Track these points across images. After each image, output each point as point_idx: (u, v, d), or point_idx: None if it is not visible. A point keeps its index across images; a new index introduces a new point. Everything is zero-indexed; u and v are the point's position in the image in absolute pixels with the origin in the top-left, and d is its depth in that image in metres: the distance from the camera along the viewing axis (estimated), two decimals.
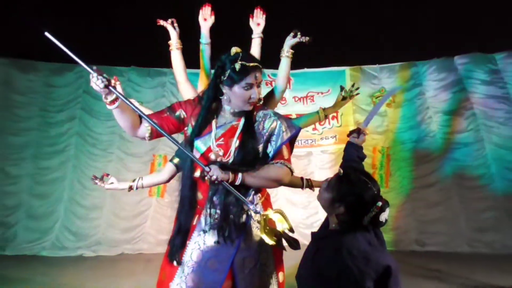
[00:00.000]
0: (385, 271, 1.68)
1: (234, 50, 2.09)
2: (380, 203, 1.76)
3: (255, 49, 2.84)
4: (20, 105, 6.28)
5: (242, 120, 2.14)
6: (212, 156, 2.08)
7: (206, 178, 1.94)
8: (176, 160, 2.83)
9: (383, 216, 1.77)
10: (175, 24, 2.85)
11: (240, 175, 1.98)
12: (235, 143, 2.09)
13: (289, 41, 2.70)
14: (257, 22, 2.87)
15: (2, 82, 6.20)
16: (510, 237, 5.76)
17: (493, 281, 4.51)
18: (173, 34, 2.85)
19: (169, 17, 2.87)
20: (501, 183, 6.00)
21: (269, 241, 2.01)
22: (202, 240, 2.13)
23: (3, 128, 6.18)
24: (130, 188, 2.84)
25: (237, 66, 2.02)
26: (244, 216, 2.11)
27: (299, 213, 6.22)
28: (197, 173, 2.07)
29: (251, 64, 2.05)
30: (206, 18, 2.93)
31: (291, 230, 2.05)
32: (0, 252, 5.78)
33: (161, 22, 2.86)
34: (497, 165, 6.07)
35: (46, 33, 1.81)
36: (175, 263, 2.15)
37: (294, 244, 2.04)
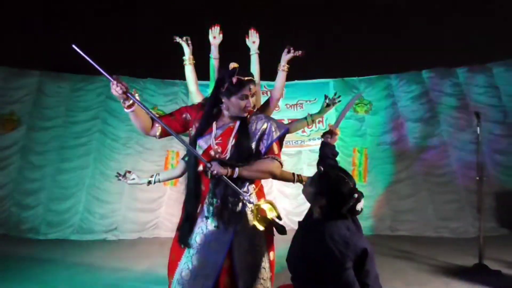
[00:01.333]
0: (362, 253, 1.70)
1: (232, 65, 2.10)
2: (356, 195, 1.77)
3: (255, 65, 2.83)
4: (49, 106, 6.22)
5: (238, 122, 2.15)
6: (212, 153, 2.10)
7: (207, 172, 1.94)
8: (187, 158, 2.83)
9: (359, 206, 1.78)
10: (189, 42, 2.85)
11: (236, 169, 1.98)
12: (231, 141, 2.11)
13: (285, 56, 2.71)
14: (253, 40, 2.87)
15: (35, 90, 6.18)
16: (471, 224, 5.76)
17: (455, 261, 4.52)
18: (187, 50, 2.84)
19: (183, 35, 2.87)
20: (462, 179, 6.00)
21: (260, 227, 2.02)
22: (204, 226, 2.13)
23: (32, 125, 6.12)
24: (149, 183, 2.83)
25: (234, 79, 2.04)
26: (240, 205, 2.11)
27: (290, 203, 6.24)
28: (200, 168, 2.08)
29: (246, 78, 2.07)
30: (215, 36, 2.93)
31: (279, 218, 2.06)
32: (35, 237, 5.76)
33: (177, 39, 2.86)
34: (458, 164, 6.07)
35: (74, 46, 1.83)
36: (181, 245, 2.15)
37: (282, 230, 2.06)
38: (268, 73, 2.97)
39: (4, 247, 5.23)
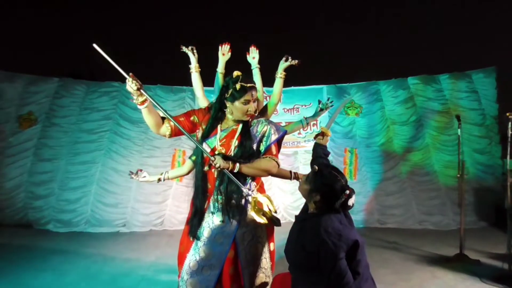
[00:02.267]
0: (354, 244, 1.70)
1: (236, 73, 2.13)
2: (347, 191, 1.78)
3: (257, 78, 2.82)
4: (64, 106, 6.13)
5: (240, 125, 2.16)
6: (217, 153, 2.11)
7: (211, 165, 1.97)
8: (193, 157, 2.83)
9: (351, 201, 1.79)
10: (195, 51, 2.84)
11: (238, 164, 2.00)
12: (234, 143, 2.13)
13: (282, 64, 2.72)
14: (253, 56, 2.88)
15: (52, 94, 6.13)
16: (451, 218, 5.77)
17: (438, 251, 4.53)
18: (193, 59, 2.83)
19: (190, 44, 2.86)
20: (443, 178, 6.00)
21: (257, 218, 2.03)
22: (211, 220, 2.14)
23: (47, 123, 6.06)
24: (159, 180, 2.82)
25: (238, 86, 2.06)
26: (243, 201, 2.12)
27: (288, 198, 6.23)
28: (206, 168, 2.10)
29: (249, 84, 2.09)
30: (224, 53, 2.93)
31: (275, 211, 2.08)
32: (52, 229, 5.73)
33: (183, 49, 2.85)
34: (439, 164, 6.06)
35: (94, 45, 1.83)
36: (191, 238, 2.17)
37: (276, 222, 2.09)
38: (268, 80, 2.96)
39: (27, 238, 5.23)
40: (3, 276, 3.73)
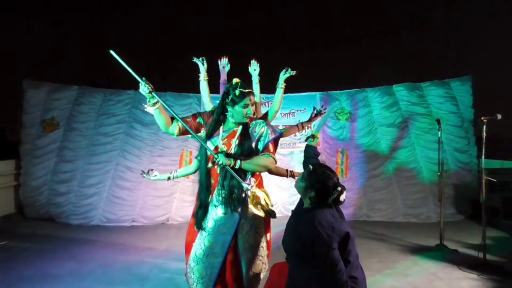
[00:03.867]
0: (345, 236, 1.70)
1: (235, 80, 2.16)
2: (339, 188, 1.78)
3: (256, 88, 2.84)
4: (83, 112, 6.10)
5: (241, 127, 2.18)
6: (220, 151, 2.12)
7: (215, 162, 1.99)
8: (199, 157, 2.84)
9: (342, 197, 1.79)
10: (205, 62, 2.87)
11: (239, 161, 2.02)
12: (235, 142, 2.15)
13: (283, 76, 2.75)
14: (254, 68, 2.91)
15: (72, 100, 6.12)
16: (433, 211, 5.76)
17: (421, 242, 4.53)
18: (202, 69, 2.85)
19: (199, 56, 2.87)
20: (426, 173, 5.98)
21: (255, 210, 2.05)
22: (214, 212, 2.16)
23: (68, 128, 6.03)
24: (169, 178, 2.83)
25: (237, 92, 2.09)
26: (243, 195, 2.14)
27: (284, 194, 6.21)
28: (210, 164, 2.12)
29: (247, 90, 2.12)
30: (224, 66, 2.96)
31: (271, 204, 2.10)
32: (71, 222, 5.73)
33: (195, 59, 2.87)
34: (424, 161, 6.05)
35: (111, 52, 1.85)
36: (196, 229, 2.18)
37: (272, 214, 2.11)
38: (266, 88, 2.98)
39: (50, 230, 5.23)
40: (30, 265, 3.74)
